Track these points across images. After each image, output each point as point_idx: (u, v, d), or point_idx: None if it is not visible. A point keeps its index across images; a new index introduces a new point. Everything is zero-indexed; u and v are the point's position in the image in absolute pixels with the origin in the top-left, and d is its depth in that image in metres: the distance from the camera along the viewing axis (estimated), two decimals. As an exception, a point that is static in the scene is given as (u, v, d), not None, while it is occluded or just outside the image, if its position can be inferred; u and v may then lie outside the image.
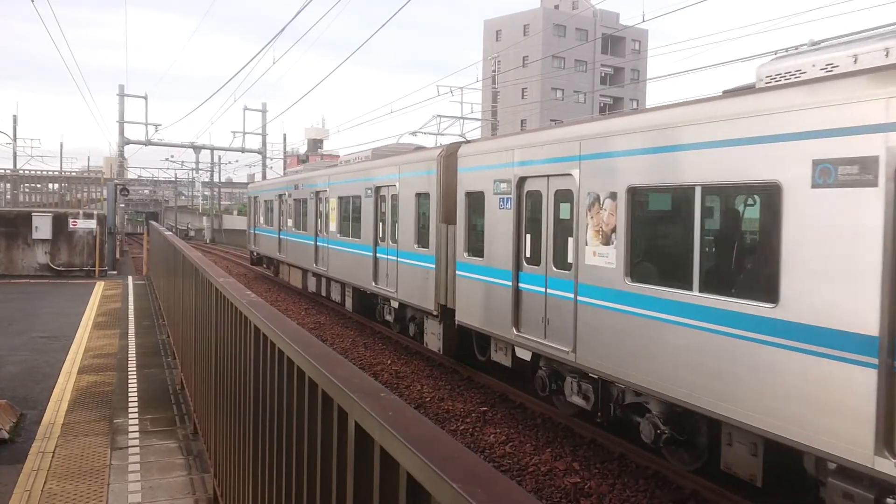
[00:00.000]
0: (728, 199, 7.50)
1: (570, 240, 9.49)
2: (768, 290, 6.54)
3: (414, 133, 33.98)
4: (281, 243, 26.33)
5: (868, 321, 5.57)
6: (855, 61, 6.39)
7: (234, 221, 76.97)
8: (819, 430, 5.94)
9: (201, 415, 7.20)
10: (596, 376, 9.33)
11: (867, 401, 5.55)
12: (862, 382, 5.59)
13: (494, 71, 38.23)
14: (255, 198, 30.80)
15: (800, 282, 6.17)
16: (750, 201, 7.26)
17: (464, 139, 20.35)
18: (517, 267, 10.82)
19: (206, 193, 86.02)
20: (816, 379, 5.99)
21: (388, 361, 15.22)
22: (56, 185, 45.00)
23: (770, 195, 6.65)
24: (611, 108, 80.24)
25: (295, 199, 24.38)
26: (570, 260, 9.51)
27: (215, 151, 62.65)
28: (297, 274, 25.01)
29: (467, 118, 34.35)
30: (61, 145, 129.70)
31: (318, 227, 21.74)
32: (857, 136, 5.67)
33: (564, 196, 9.74)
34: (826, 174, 5.95)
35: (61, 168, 69.97)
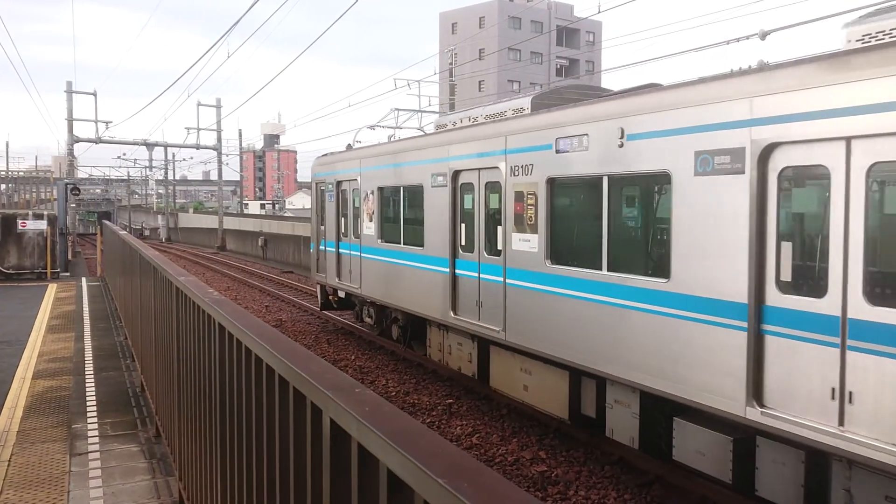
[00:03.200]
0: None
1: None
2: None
3: (372, 127, 33.78)
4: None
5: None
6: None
7: (191, 220, 75.65)
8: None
9: (164, 417, 7.06)
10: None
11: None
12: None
13: (451, 64, 38.16)
14: (339, 184, 16.25)
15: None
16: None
17: (422, 133, 20.45)
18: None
19: (160, 192, 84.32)
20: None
21: (353, 357, 15.13)
22: (3, 186, 43.64)
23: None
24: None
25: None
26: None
27: (169, 149, 61.46)
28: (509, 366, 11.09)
29: (425, 111, 34.27)
30: (7, 144, 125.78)
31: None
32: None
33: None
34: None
35: (8, 168, 67.91)
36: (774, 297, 6.17)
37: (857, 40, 7.86)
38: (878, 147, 5.32)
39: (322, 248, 17.40)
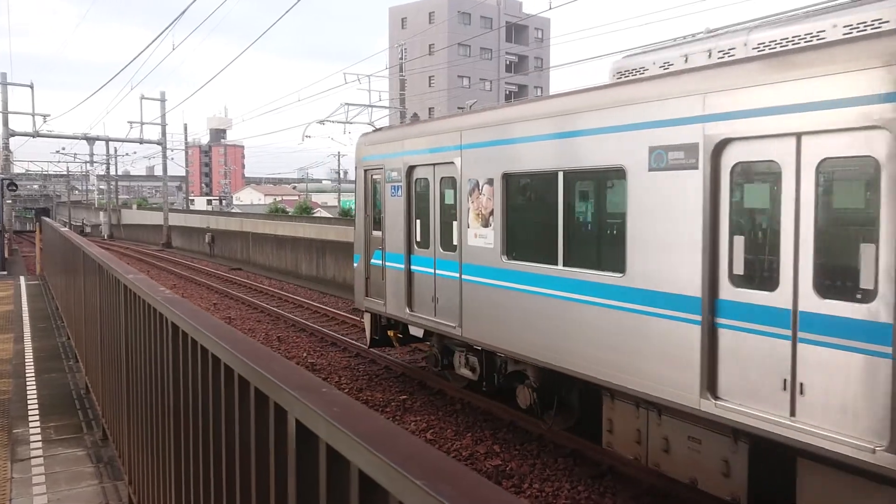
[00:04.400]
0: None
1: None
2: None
3: (322, 122, 33.42)
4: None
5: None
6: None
7: (134, 216, 73.69)
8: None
9: (111, 419, 6.85)
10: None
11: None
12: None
13: (401, 59, 37.98)
14: (412, 170, 11.47)
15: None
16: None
17: (373, 127, 20.03)
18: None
19: (101, 187, 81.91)
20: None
21: (304, 354, 14.96)
22: (-67, 181, 41.82)
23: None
24: (516, 95, 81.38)
25: None
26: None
27: (111, 143, 59.74)
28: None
29: (375, 106, 34.05)
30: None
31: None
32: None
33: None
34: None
35: (-62, 162, 65.02)
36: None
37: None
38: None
39: (376, 262, 12.22)
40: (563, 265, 8.20)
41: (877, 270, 5.16)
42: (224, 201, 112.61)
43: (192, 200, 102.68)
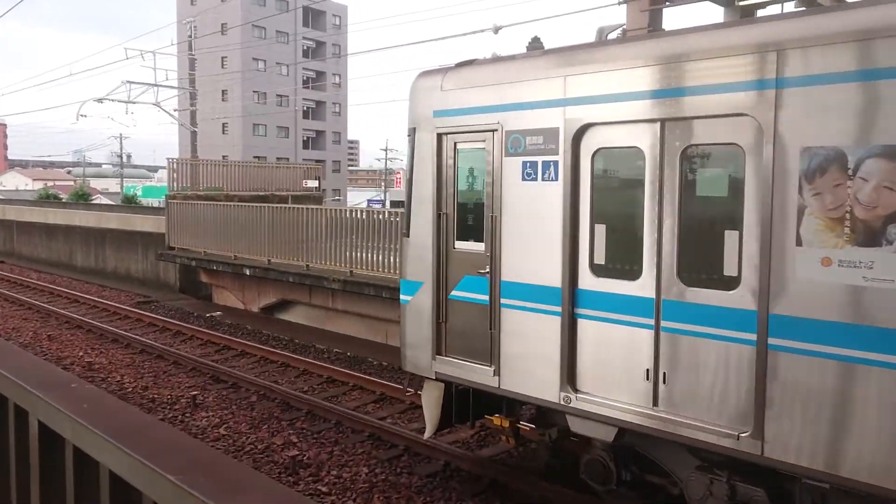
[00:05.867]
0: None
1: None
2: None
3: (100, 100, 30.60)
4: None
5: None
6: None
7: None
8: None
9: None
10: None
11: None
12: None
13: (190, 36, 35.76)
14: (585, 132, 6.10)
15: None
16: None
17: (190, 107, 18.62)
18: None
19: None
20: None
21: (80, 353, 13.65)
22: None
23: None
24: (314, 81, 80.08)
25: None
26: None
27: None
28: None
29: (162, 86, 31.80)
30: None
31: None
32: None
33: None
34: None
35: None
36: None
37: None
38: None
39: (468, 295, 7.13)
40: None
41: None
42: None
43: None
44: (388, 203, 71.48)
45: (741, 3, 6.96)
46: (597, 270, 6.03)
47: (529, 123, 6.39)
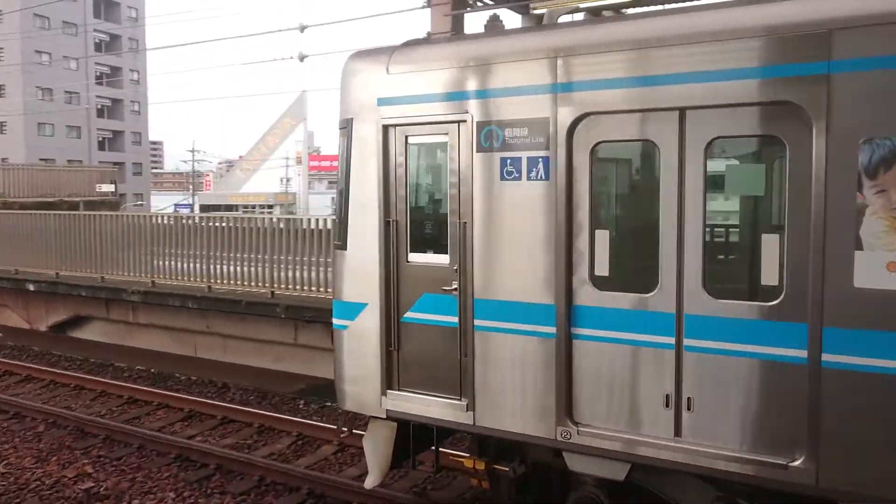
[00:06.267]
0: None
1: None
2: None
3: None
4: None
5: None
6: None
7: None
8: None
9: None
10: None
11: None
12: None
13: (-45, 23, 31.68)
14: (582, 121, 5.24)
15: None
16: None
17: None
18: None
19: None
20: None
21: None
22: None
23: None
24: (109, 77, 74.27)
25: None
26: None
27: None
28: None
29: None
30: None
31: None
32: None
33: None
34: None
35: None
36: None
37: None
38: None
39: (429, 317, 6.06)
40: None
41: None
42: None
43: None
44: (197, 207, 68.00)
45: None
46: (599, 283, 5.16)
47: (509, 113, 5.39)
